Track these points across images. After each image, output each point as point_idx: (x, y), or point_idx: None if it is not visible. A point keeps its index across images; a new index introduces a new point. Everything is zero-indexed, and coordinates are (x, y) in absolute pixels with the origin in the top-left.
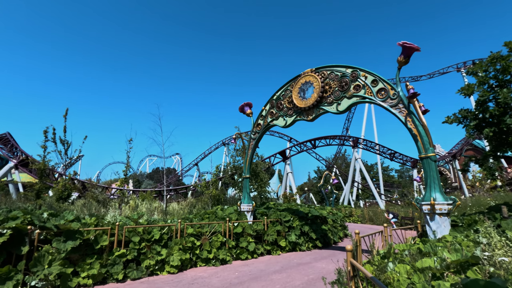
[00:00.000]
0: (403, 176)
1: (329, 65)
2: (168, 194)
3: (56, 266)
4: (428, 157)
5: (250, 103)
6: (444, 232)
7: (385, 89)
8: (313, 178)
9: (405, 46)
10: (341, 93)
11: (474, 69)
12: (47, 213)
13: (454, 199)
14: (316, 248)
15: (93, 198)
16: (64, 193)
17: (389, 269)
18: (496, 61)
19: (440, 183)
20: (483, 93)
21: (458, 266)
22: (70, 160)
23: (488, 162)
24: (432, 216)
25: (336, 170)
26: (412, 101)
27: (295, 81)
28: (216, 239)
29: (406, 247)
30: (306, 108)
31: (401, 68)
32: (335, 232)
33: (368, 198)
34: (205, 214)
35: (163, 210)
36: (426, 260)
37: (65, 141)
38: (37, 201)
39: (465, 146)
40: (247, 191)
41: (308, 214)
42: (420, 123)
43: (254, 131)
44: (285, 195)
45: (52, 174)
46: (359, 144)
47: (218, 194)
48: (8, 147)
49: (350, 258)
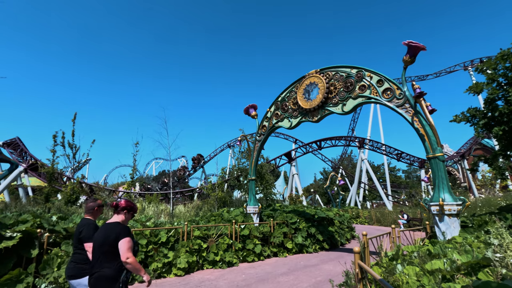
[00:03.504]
0: (410, 177)
1: (333, 65)
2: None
3: (65, 268)
4: (436, 157)
5: (255, 105)
6: (453, 233)
7: (391, 89)
8: (319, 179)
9: (411, 45)
10: (346, 93)
11: (483, 66)
12: (56, 216)
13: (463, 199)
14: (323, 250)
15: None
16: (72, 196)
17: (398, 271)
18: (506, 58)
19: (448, 183)
20: (492, 91)
21: (469, 268)
22: (78, 164)
23: (497, 161)
24: (441, 217)
25: (342, 171)
26: (419, 101)
27: (300, 83)
28: (223, 241)
29: (415, 249)
30: (311, 109)
31: (407, 67)
32: (342, 233)
33: (375, 199)
34: (211, 216)
35: (170, 213)
36: (435, 262)
37: (73, 145)
38: (46, 205)
39: (474, 145)
40: (253, 193)
41: (315, 216)
42: (427, 123)
43: (259, 133)
44: (291, 197)
45: (60, 177)
46: (365, 144)
47: (224, 196)
48: (17, 152)
49: (358, 260)
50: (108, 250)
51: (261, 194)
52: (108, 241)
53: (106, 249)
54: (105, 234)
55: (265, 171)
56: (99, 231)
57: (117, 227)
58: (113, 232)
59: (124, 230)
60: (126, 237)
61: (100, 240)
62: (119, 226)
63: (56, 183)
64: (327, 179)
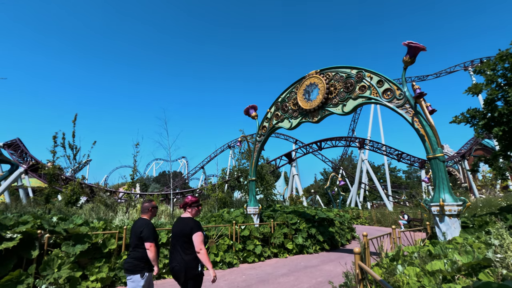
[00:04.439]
0: (411, 177)
1: (333, 66)
2: (174, 198)
3: (65, 269)
4: (436, 157)
5: (255, 105)
6: (454, 233)
7: (391, 89)
8: (320, 180)
9: (411, 45)
10: (347, 94)
11: (482, 67)
12: (56, 217)
13: (464, 200)
14: (324, 250)
15: (101, 202)
16: (72, 197)
17: (399, 271)
18: (505, 59)
19: (449, 183)
20: (492, 91)
21: (470, 268)
22: (78, 165)
23: (498, 161)
24: (441, 217)
25: (342, 171)
26: (419, 101)
27: (300, 83)
28: (223, 242)
29: (415, 249)
30: (311, 109)
31: (407, 68)
32: (342, 234)
33: (375, 200)
34: (212, 217)
35: (170, 214)
36: (436, 262)
37: (73, 146)
38: (47, 206)
39: (474, 145)
40: (253, 193)
41: (315, 217)
42: (428, 123)
43: (259, 134)
44: (292, 198)
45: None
46: (366, 145)
47: (224, 197)
48: (18, 153)
49: (358, 261)
50: (184, 241)
51: (261, 194)
52: (184, 233)
53: (183, 240)
54: (181, 227)
55: (265, 171)
56: (176, 225)
57: (191, 221)
58: (188, 226)
59: (196, 224)
60: (198, 231)
61: (177, 232)
62: (191, 221)
63: (56, 184)
64: (328, 179)
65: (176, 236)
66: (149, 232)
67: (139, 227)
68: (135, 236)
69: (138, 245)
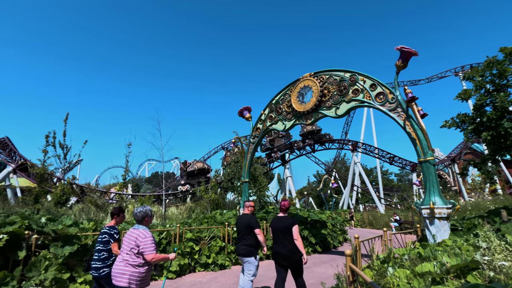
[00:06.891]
0: (402, 180)
1: (327, 69)
2: (167, 199)
3: (52, 271)
4: (427, 161)
5: (249, 107)
6: (443, 236)
7: (383, 93)
8: (313, 182)
9: (403, 50)
10: (340, 97)
11: (470, 74)
12: (45, 218)
13: (454, 203)
14: (316, 252)
15: (91, 203)
16: (62, 197)
17: (389, 274)
18: (493, 66)
19: (439, 187)
20: (480, 97)
21: (458, 270)
22: (69, 165)
23: (486, 165)
24: (431, 220)
25: (335, 174)
26: (411, 105)
27: (294, 86)
28: (215, 243)
29: (406, 252)
30: (305, 112)
31: (400, 72)
32: (334, 236)
33: (367, 202)
34: (204, 218)
35: (162, 215)
36: (426, 264)
37: (64, 146)
38: (35, 206)
39: (464, 150)
40: (246, 195)
41: (308, 219)
42: (419, 127)
43: (253, 135)
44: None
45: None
46: (358, 148)
47: (217, 198)
48: (6, 152)
49: (349, 263)
50: (248, 231)
51: (254, 196)
52: (247, 225)
53: (247, 229)
54: (245, 221)
55: (258, 173)
56: (240, 220)
57: (252, 218)
58: (248, 220)
59: (253, 219)
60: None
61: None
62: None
63: (46, 184)
64: (321, 182)
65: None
66: (256, 221)
67: (247, 220)
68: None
69: (248, 233)
